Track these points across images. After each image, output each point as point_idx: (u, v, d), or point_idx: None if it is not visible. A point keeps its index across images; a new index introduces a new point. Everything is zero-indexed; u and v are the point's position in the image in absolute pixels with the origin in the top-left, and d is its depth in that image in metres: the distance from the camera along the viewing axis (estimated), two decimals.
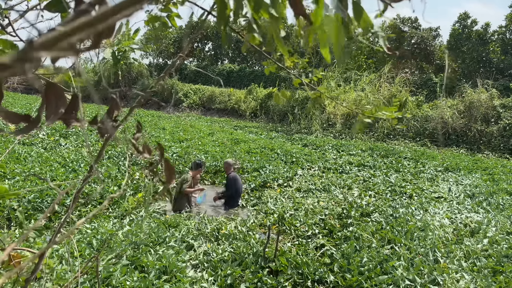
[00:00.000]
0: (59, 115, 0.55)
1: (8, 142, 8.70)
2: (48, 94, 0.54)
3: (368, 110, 1.47)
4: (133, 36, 1.84)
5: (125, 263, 3.53)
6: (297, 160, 9.73)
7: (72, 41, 0.35)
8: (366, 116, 1.47)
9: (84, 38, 0.37)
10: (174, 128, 14.57)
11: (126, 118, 0.96)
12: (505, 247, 4.45)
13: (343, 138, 16.01)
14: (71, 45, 0.35)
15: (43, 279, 3.13)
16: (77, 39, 0.35)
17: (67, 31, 0.36)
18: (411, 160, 11.12)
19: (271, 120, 20.86)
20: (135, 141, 0.87)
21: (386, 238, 4.56)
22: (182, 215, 5.44)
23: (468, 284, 3.58)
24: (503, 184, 8.20)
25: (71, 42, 0.35)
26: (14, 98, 22.13)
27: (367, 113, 1.47)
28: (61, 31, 0.35)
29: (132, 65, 27.09)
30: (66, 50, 0.35)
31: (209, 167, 8.65)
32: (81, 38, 0.36)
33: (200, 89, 25.84)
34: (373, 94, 17.73)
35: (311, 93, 1.77)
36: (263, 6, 0.74)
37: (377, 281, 3.51)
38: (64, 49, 0.35)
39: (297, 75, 1.76)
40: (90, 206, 5.46)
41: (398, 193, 7.08)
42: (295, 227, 5.02)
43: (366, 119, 1.48)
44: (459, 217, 5.72)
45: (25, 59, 0.33)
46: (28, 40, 0.35)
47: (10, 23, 1.52)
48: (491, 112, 15.67)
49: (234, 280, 3.52)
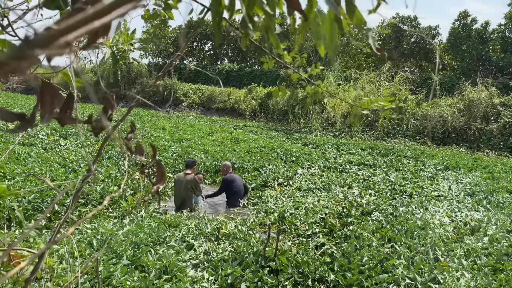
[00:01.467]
0: (54, 114, 0.55)
1: (8, 142, 8.69)
2: (43, 93, 0.53)
3: (363, 102, 1.48)
4: (131, 35, 1.83)
5: (126, 263, 3.53)
6: (297, 159, 9.72)
7: (68, 39, 0.35)
8: (362, 108, 1.48)
9: (80, 36, 0.36)
10: (174, 128, 14.56)
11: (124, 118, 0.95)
12: (506, 245, 4.44)
13: (343, 137, 16.01)
14: (67, 43, 0.35)
15: (43, 279, 3.13)
16: (73, 37, 0.35)
17: (62, 29, 0.35)
18: (411, 158, 11.12)
19: (271, 119, 20.86)
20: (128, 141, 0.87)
21: (386, 236, 4.56)
22: (183, 215, 5.43)
23: (468, 282, 3.58)
24: (503, 182, 8.20)
25: (67, 40, 0.35)
26: (13, 98, 22.12)
27: (363, 104, 1.48)
28: (57, 29, 0.35)
29: (131, 65, 27.07)
30: (62, 48, 0.35)
31: (209, 166, 8.65)
32: (77, 36, 0.36)
33: (199, 89, 25.82)
34: (372, 93, 17.73)
35: (310, 88, 1.77)
36: (257, 3, 0.74)
37: (377, 280, 3.50)
38: (60, 47, 0.35)
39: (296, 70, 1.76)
40: (90, 206, 5.46)
41: (398, 192, 7.08)
42: (296, 226, 5.01)
43: (362, 111, 1.49)
44: (459, 215, 5.72)
45: (21, 57, 0.33)
46: (24, 38, 0.35)
47: (10, 24, 1.52)
48: (491, 110, 15.67)
49: (234, 280, 3.52)
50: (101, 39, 0.46)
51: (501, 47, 21.92)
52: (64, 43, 0.35)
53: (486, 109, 15.71)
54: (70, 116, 0.61)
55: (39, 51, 0.34)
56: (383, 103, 1.44)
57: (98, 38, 0.40)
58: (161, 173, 0.87)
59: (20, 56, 0.33)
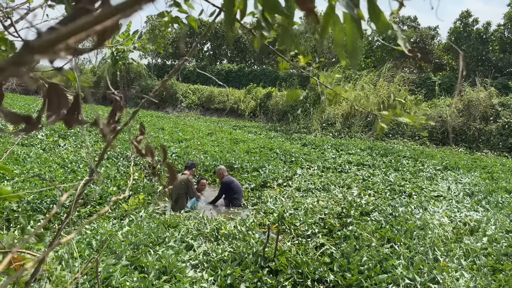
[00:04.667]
0: (60, 115, 0.55)
1: (7, 143, 8.68)
2: (50, 94, 0.53)
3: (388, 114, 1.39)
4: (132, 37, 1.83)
5: (125, 263, 3.52)
6: (297, 160, 9.73)
7: (70, 43, 0.35)
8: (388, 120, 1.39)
9: (83, 39, 0.36)
10: (173, 128, 14.55)
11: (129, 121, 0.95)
12: (505, 246, 4.45)
13: (342, 137, 16.00)
14: (69, 46, 0.35)
15: (43, 280, 3.12)
16: (75, 40, 0.35)
17: (65, 33, 0.35)
18: (410, 159, 11.13)
19: (270, 120, 20.84)
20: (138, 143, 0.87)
21: (386, 237, 4.56)
22: (182, 215, 5.43)
23: (467, 282, 3.58)
24: (502, 183, 8.21)
25: (68, 44, 0.35)
26: (12, 99, 22.06)
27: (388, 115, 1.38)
28: (59, 33, 0.35)
29: (130, 66, 27.02)
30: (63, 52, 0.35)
31: (209, 166, 8.66)
32: (80, 39, 0.36)
33: (199, 89, 25.80)
34: (372, 93, 17.73)
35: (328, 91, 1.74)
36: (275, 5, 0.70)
37: (377, 280, 3.51)
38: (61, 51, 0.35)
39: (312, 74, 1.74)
40: (89, 207, 5.46)
41: (398, 192, 7.09)
42: (295, 226, 5.02)
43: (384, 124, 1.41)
44: (458, 215, 5.73)
45: (20, 62, 0.33)
46: (24, 43, 0.35)
47: (13, 24, 1.52)
48: (490, 110, 15.69)
49: (234, 280, 3.52)
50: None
51: (500, 47, 21.93)
52: (66, 47, 0.35)
53: (485, 109, 15.72)
54: (77, 118, 0.61)
55: (39, 57, 0.34)
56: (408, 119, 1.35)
57: (106, 40, 0.40)
58: (172, 175, 0.87)
59: (19, 62, 0.33)
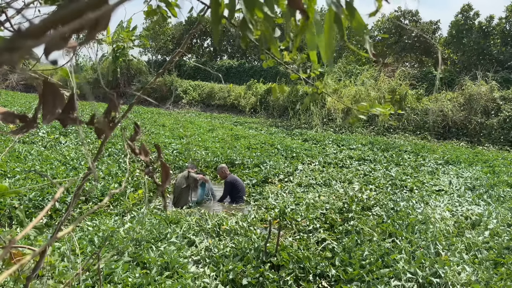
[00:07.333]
0: (56, 115, 0.54)
1: (7, 141, 8.69)
2: (45, 93, 0.53)
3: (362, 106, 1.47)
4: (131, 32, 1.82)
5: (127, 259, 3.54)
6: (298, 155, 9.72)
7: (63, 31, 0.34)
8: (361, 112, 1.47)
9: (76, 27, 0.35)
10: (174, 125, 14.55)
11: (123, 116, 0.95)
12: (506, 239, 4.45)
13: (343, 132, 15.99)
14: (62, 35, 0.34)
15: (45, 276, 3.14)
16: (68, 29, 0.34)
17: (56, 18, 0.34)
18: (411, 153, 11.11)
19: (271, 116, 20.81)
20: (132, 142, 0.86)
21: (387, 231, 4.57)
22: (183, 211, 5.45)
23: (469, 276, 3.59)
24: (503, 176, 8.20)
25: (62, 33, 0.34)
26: (13, 97, 22.08)
27: (361, 108, 1.47)
28: (50, 18, 0.34)
29: (131, 62, 26.99)
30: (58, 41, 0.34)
31: (210, 162, 8.66)
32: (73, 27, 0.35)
33: (199, 86, 25.76)
34: (373, 88, 17.68)
35: (309, 89, 1.77)
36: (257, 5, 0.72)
37: (378, 274, 3.52)
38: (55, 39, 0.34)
39: (295, 70, 1.75)
40: (91, 203, 5.47)
41: (399, 187, 7.08)
42: (296, 221, 5.02)
43: (360, 115, 1.48)
44: (460, 209, 5.72)
45: (13, 48, 0.32)
46: (17, 30, 0.34)
47: (8, 19, 1.51)
48: (491, 104, 15.64)
49: (236, 275, 3.53)
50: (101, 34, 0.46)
51: (502, 40, 21.79)
52: (60, 36, 0.34)
53: (486, 103, 15.66)
54: (72, 117, 0.60)
55: (31, 42, 0.33)
56: (381, 110, 1.42)
57: (97, 31, 0.39)
58: (166, 174, 0.86)
59: (12, 47, 0.32)
